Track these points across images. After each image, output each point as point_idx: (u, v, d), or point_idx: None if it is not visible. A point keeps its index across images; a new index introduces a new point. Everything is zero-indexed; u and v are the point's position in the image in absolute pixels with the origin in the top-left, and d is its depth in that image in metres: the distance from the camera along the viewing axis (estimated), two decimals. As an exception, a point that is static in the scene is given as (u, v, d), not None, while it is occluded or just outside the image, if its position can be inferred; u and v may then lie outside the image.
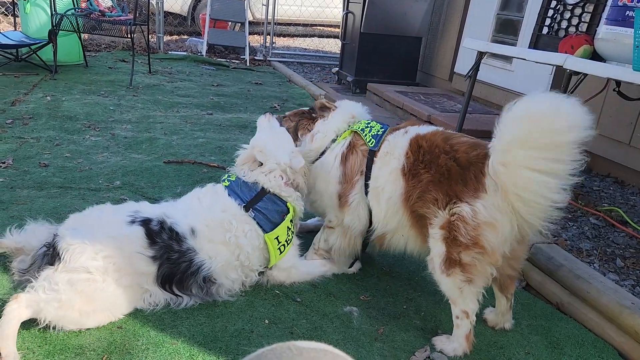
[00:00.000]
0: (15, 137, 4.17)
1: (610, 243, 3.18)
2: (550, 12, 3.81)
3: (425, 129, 2.40)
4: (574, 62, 3.10)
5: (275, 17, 9.88)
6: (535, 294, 2.77)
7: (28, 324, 2.02)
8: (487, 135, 2.16)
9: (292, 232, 2.54)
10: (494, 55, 5.40)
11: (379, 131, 2.52)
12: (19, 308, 1.97)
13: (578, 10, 3.59)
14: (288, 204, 2.50)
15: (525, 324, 2.49)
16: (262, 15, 10.56)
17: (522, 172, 1.92)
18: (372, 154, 2.46)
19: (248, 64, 8.83)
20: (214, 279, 2.32)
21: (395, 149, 2.39)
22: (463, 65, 6.22)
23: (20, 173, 3.50)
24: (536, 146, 1.87)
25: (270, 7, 9.65)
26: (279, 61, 9.39)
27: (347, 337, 2.25)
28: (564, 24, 3.70)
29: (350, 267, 2.73)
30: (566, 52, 3.34)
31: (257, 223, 2.41)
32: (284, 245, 2.47)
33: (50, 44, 6.19)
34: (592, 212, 3.57)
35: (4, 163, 3.60)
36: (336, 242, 2.63)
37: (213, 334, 2.16)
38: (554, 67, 4.60)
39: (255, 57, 9.49)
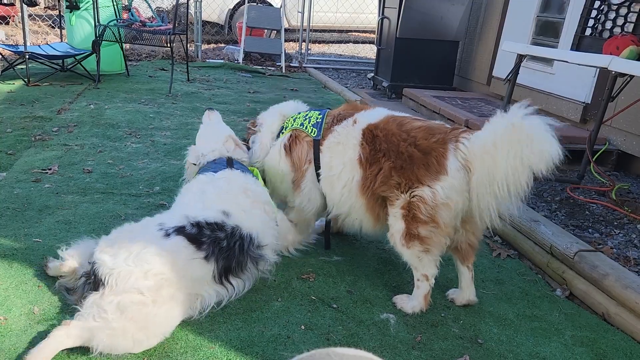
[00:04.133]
0: (61, 144, 4.32)
1: (660, 252, 3.05)
2: (594, 13, 3.70)
3: (374, 117, 2.55)
4: (620, 64, 2.99)
5: (311, 24, 9.95)
6: (579, 303, 2.68)
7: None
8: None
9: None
10: (534, 58, 5.30)
11: (317, 118, 2.72)
12: (65, 336, 1.92)
13: (623, 10, 3.48)
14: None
15: (569, 335, 2.41)
16: (297, 23, 10.65)
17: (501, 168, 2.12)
18: (317, 143, 2.66)
19: (284, 71, 8.91)
20: (261, 242, 2.43)
21: (348, 140, 2.55)
22: (502, 68, 6.10)
23: (65, 179, 3.62)
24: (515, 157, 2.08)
25: (306, 14, 9.73)
26: (315, 67, 9.43)
27: (384, 345, 2.22)
28: (609, 25, 3.58)
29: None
30: (611, 54, 3.23)
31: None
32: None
33: (94, 54, 6.40)
34: (640, 219, 3.43)
35: (50, 169, 3.74)
36: (294, 218, 2.91)
37: (250, 339, 2.17)
38: (598, 69, 4.46)
39: (291, 64, 9.56)
